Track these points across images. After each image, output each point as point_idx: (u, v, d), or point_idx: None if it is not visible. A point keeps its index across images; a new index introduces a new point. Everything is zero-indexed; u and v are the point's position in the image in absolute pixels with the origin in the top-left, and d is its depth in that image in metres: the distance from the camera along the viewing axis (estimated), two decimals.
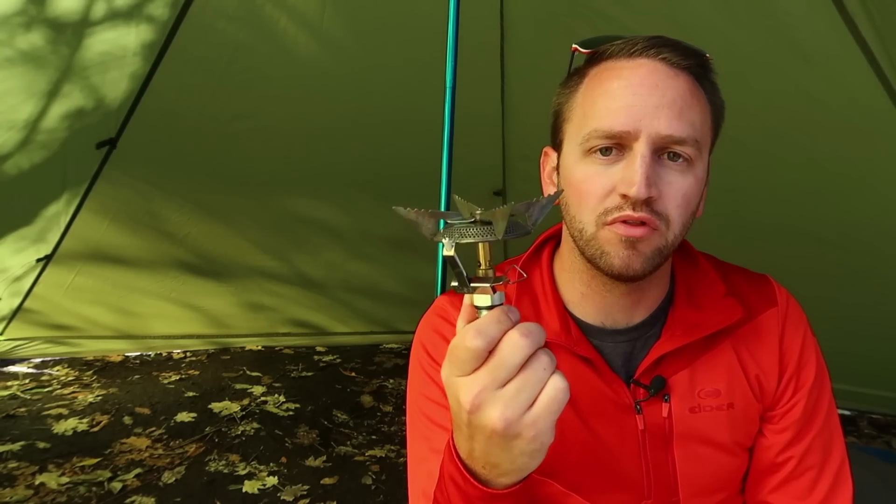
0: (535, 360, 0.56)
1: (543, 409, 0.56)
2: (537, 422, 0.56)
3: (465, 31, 1.62)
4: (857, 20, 1.76)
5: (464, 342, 0.57)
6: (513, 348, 0.56)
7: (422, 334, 0.95)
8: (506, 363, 0.56)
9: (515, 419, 0.56)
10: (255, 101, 2.60)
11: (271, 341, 3.83)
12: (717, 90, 0.86)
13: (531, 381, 0.56)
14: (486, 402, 0.56)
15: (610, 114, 0.79)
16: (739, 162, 2.10)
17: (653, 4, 2.05)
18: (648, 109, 0.77)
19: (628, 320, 0.90)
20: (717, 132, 0.87)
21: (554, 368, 0.57)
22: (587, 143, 0.81)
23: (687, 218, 0.82)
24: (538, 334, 0.57)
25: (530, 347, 0.56)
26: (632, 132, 0.77)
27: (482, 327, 0.56)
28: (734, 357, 0.90)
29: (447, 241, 0.57)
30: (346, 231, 3.27)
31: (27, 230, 2.78)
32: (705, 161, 0.83)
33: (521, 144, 2.86)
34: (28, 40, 2.06)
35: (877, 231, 2.34)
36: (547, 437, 0.57)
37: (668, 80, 0.79)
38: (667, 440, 0.89)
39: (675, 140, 0.78)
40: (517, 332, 0.56)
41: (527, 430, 0.56)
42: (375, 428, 3.05)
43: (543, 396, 0.56)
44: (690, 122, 0.79)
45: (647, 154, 0.77)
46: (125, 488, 2.43)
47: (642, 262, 0.80)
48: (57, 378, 3.33)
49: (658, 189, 0.78)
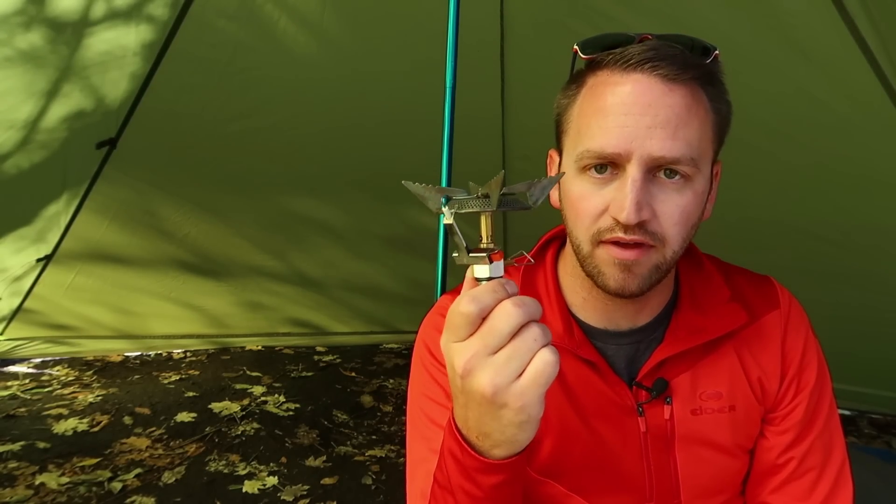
0: (526, 330, 0.57)
1: (530, 381, 0.57)
2: (525, 392, 0.57)
3: (465, 32, 1.62)
4: (857, 20, 1.76)
5: (458, 307, 0.58)
6: (505, 316, 0.57)
7: (424, 334, 0.95)
8: (497, 330, 0.57)
9: (504, 386, 0.57)
10: (254, 101, 2.59)
11: (271, 341, 3.83)
12: (722, 94, 0.83)
13: (521, 351, 0.57)
14: (476, 367, 0.58)
15: (602, 134, 0.77)
16: (739, 161, 2.08)
17: (653, 4, 2.05)
18: (641, 130, 0.75)
19: (632, 324, 0.90)
20: (723, 138, 0.85)
21: (546, 342, 0.58)
22: (581, 162, 0.80)
23: (688, 232, 0.81)
24: (532, 307, 0.58)
25: (522, 317, 0.57)
26: (623, 154, 0.76)
27: (477, 294, 0.58)
28: (736, 360, 0.90)
29: (447, 210, 0.61)
30: (346, 230, 3.27)
31: (27, 230, 2.78)
32: (706, 174, 0.81)
33: (521, 144, 2.86)
34: (28, 40, 2.06)
35: (877, 231, 2.34)
36: (535, 410, 0.58)
37: (662, 98, 0.76)
38: (668, 442, 0.89)
39: (669, 161, 0.76)
40: (510, 302, 0.57)
41: (514, 399, 0.57)
42: (375, 428, 3.05)
43: (531, 368, 0.57)
44: (686, 140, 0.76)
45: (637, 178, 0.75)
46: (125, 488, 2.43)
47: (639, 282, 0.79)
48: (57, 378, 3.33)
49: (652, 209, 0.77)
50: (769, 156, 2.27)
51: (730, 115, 0.85)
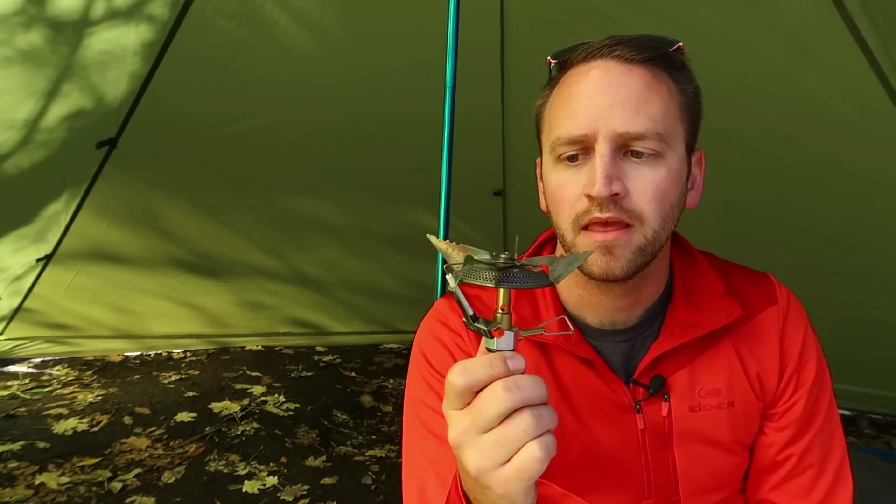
0: (517, 417, 0.54)
1: (514, 473, 0.55)
2: (508, 482, 0.55)
3: (465, 31, 1.62)
4: (857, 20, 1.76)
5: (449, 376, 0.56)
6: (492, 399, 0.54)
7: (421, 339, 0.95)
8: (484, 412, 0.55)
9: (487, 471, 0.55)
10: (255, 101, 2.60)
11: (271, 341, 3.83)
12: (687, 78, 0.85)
13: (509, 439, 0.54)
14: (464, 443, 0.56)
15: (569, 120, 0.80)
16: (739, 160, 2.10)
17: (653, 4, 2.05)
18: (603, 110, 0.78)
19: (627, 320, 0.90)
20: (696, 120, 0.85)
21: (539, 433, 0.54)
22: (555, 152, 0.82)
23: (666, 211, 0.81)
24: (529, 391, 0.55)
25: (511, 402, 0.54)
26: (590, 134, 0.78)
27: (468, 367, 0.56)
28: (734, 356, 0.90)
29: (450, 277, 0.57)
30: (346, 230, 3.27)
31: (27, 230, 2.78)
32: (679, 152, 0.82)
33: (521, 144, 2.86)
34: (28, 39, 2.06)
35: (877, 230, 2.34)
36: (519, 500, 0.57)
37: (621, 78, 0.79)
38: (667, 439, 0.89)
39: (634, 136, 0.78)
40: (500, 385, 0.55)
41: (497, 486, 0.56)
42: (375, 428, 3.05)
43: (516, 460, 0.54)
44: (649, 115, 0.78)
45: (606, 153, 0.77)
46: (125, 488, 2.43)
47: (622, 264, 0.79)
48: (57, 378, 3.33)
49: (623, 185, 0.78)
50: (767, 154, 2.28)
51: (699, 99, 0.86)
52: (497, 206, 3.22)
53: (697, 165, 0.88)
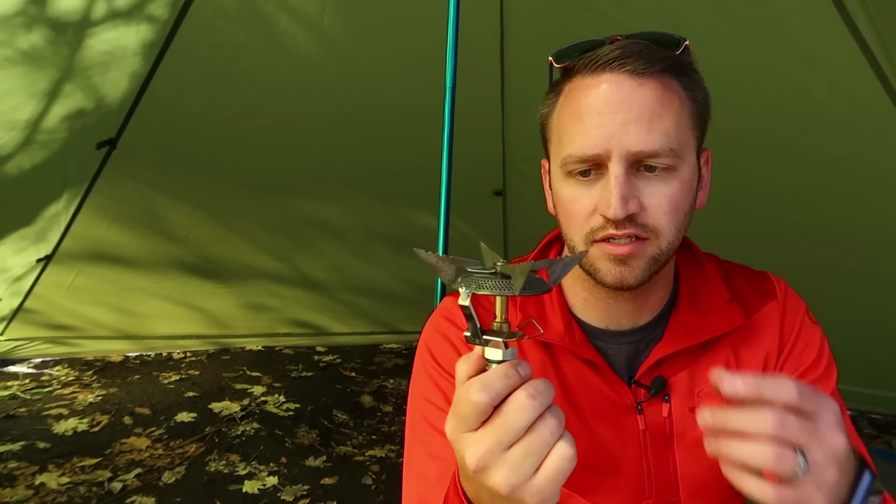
0: (541, 422, 0.54)
1: (548, 479, 0.54)
2: (543, 489, 0.54)
3: (465, 31, 1.63)
4: (857, 20, 1.76)
5: (468, 396, 0.54)
6: (519, 411, 0.53)
7: (427, 336, 0.95)
8: (512, 426, 0.53)
9: (520, 485, 0.54)
10: (255, 101, 2.60)
11: (271, 341, 3.84)
12: (697, 83, 0.83)
13: (537, 447, 0.54)
14: (490, 464, 0.54)
15: (581, 137, 0.79)
16: (739, 160, 2.09)
17: (652, 5, 2.05)
18: (616, 128, 0.76)
19: (632, 323, 0.91)
20: (704, 125, 0.85)
21: (562, 432, 0.55)
22: (566, 167, 0.81)
23: (680, 221, 0.81)
24: (547, 394, 0.54)
25: (537, 410, 0.53)
26: (603, 153, 0.77)
27: (488, 381, 0.54)
28: (733, 357, 0.91)
29: (463, 291, 0.56)
30: (347, 231, 3.27)
31: (27, 230, 2.78)
32: (691, 162, 0.82)
33: (521, 144, 2.86)
34: (28, 40, 2.06)
35: (877, 231, 2.34)
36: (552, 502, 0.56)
37: (633, 94, 0.77)
38: (667, 440, 0.89)
39: (648, 154, 0.77)
40: (524, 393, 0.54)
41: (531, 497, 0.54)
42: (375, 428, 3.05)
43: (549, 465, 0.54)
44: (663, 131, 0.77)
45: (620, 173, 0.76)
46: (125, 488, 2.43)
47: (636, 274, 0.80)
48: (57, 378, 3.33)
49: (639, 202, 0.77)
50: (767, 155, 2.28)
51: (707, 101, 0.85)
52: (497, 206, 3.23)
53: (706, 165, 0.88)
